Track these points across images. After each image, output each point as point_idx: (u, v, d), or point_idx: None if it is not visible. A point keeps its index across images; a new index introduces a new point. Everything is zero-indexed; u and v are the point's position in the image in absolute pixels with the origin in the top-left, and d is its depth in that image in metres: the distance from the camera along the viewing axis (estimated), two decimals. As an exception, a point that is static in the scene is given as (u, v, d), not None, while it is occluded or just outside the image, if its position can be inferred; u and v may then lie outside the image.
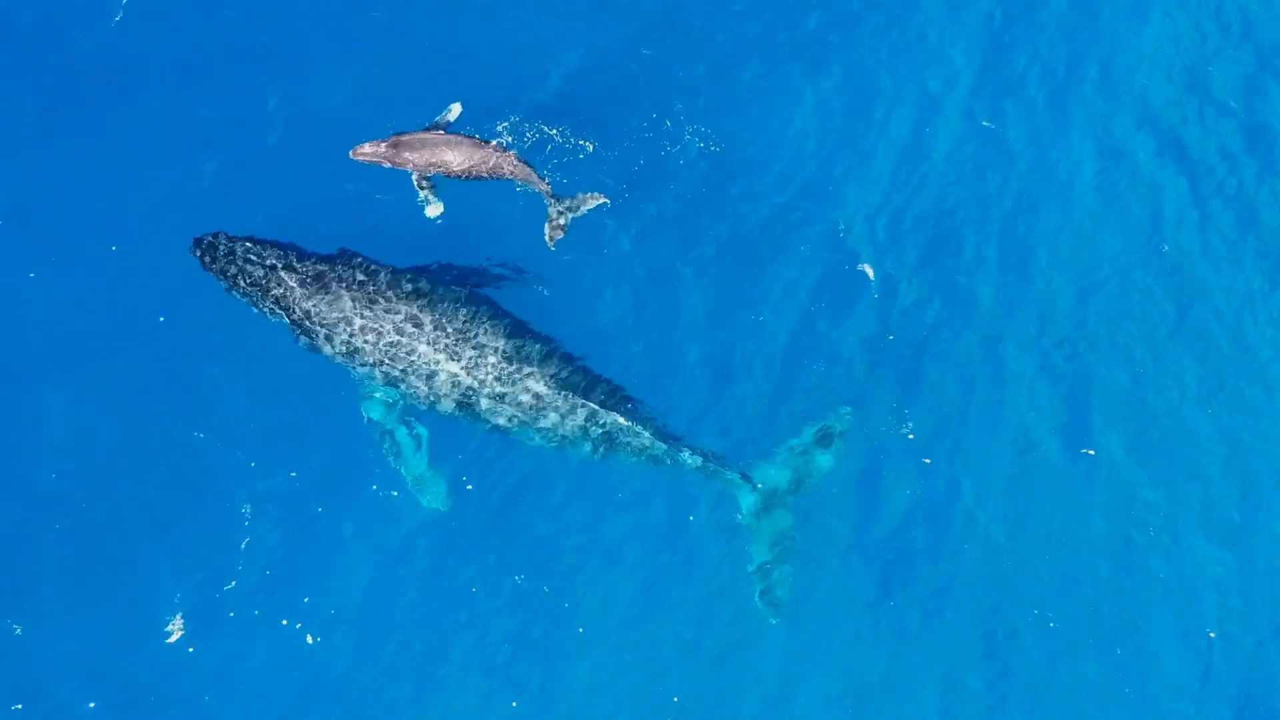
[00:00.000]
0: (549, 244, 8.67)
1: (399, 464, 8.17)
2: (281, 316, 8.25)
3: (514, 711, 7.92)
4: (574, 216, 8.65)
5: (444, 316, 8.13)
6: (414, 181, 8.70)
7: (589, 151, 9.05)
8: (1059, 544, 8.42)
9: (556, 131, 9.07)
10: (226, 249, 8.36)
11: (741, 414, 8.63)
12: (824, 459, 8.39)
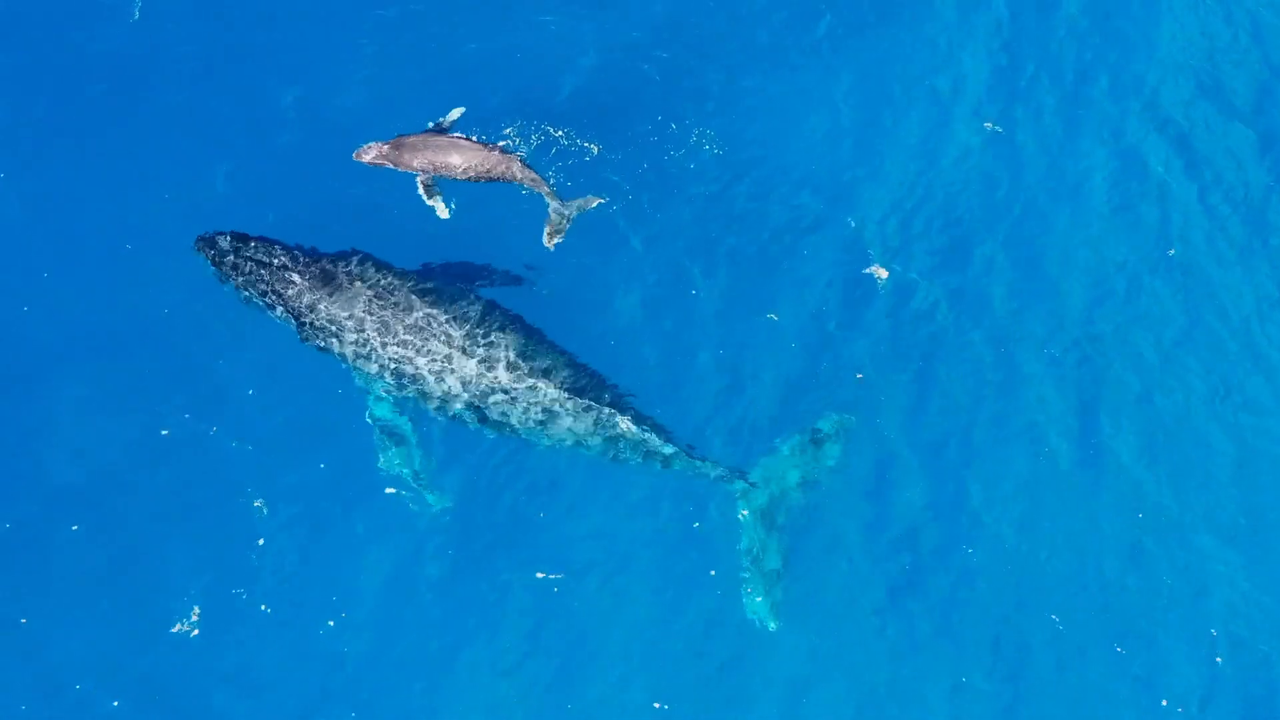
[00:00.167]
0: (548, 245, 8.69)
1: (409, 465, 8.17)
2: (290, 317, 8.27)
3: (524, 711, 7.93)
4: (574, 218, 8.67)
5: (455, 317, 8.13)
6: (418, 183, 8.73)
7: (594, 154, 9.07)
8: (1067, 547, 8.39)
9: (562, 134, 9.10)
10: (237, 247, 8.38)
11: (751, 416, 8.61)
12: (832, 461, 8.38)
